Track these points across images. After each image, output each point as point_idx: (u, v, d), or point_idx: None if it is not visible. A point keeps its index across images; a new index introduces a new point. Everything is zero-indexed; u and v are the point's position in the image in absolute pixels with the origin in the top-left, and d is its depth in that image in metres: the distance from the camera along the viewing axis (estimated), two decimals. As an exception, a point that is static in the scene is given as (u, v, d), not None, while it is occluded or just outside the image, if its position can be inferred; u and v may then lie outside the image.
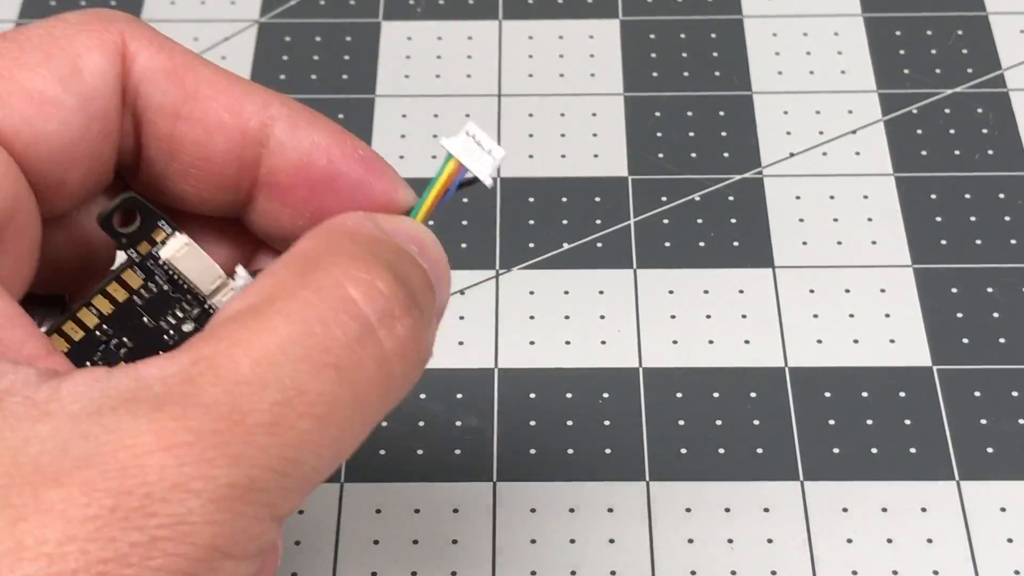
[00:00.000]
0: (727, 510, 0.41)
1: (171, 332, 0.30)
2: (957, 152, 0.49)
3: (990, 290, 0.45)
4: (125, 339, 0.30)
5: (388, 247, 0.28)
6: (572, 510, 0.41)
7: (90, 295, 0.30)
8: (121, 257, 0.31)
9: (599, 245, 0.47)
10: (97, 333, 0.30)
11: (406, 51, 0.52)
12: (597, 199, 0.48)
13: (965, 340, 0.44)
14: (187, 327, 0.30)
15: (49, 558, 0.23)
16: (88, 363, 0.30)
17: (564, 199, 0.48)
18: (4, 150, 0.27)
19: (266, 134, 0.30)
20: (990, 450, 0.42)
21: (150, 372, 0.25)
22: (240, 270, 0.30)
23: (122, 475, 0.24)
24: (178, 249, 0.30)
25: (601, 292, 0.46)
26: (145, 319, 0.30)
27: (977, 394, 0.43)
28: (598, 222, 0.47)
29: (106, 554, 0.23)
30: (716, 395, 0.43)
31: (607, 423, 0.43)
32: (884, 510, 0.41)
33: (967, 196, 0.48)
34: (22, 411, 0.24)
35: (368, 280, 0.27)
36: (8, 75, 0.28)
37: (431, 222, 0.31)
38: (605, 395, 0.43)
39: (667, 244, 0.47)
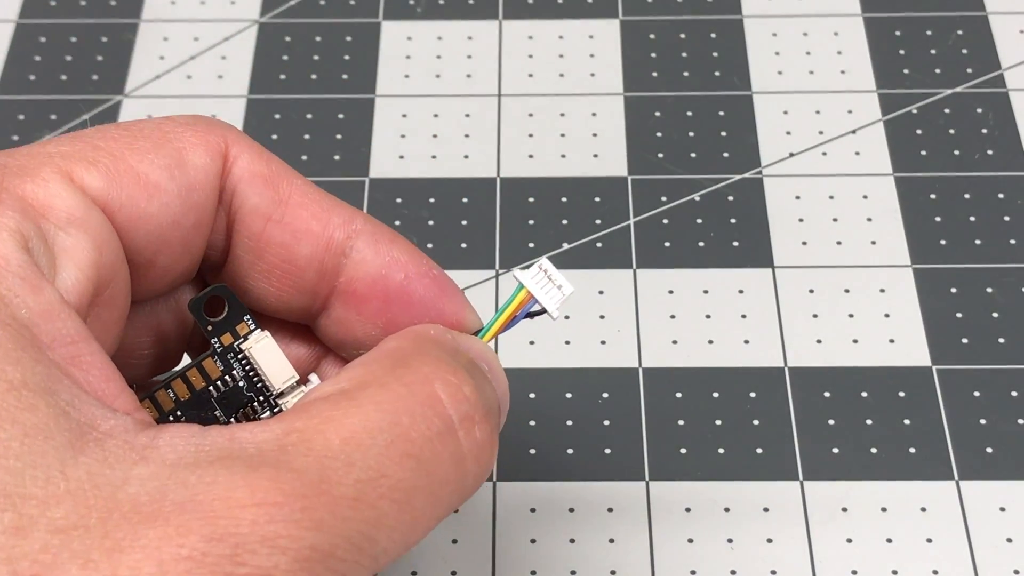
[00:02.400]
0: (727, 510, 0.41)
1: None
2: (957, 152, 0.49)
3: (989, 290, 0.46)
4: None
5: (466, 360, 0.31)
6: (572, 510, 0.41)
7: (170, 377, 0.31)
8: (186, 359, 0.33)
9: (599, 245, 0.47)
10: (171, 419, 0.31)
11: (406, 51, 0.52)
12: (597, 199, 0.48)
13: (964, 340, 0.44)
14: None
15: None
16: None
17: (564, 199, 0.48)
18: (109, 222, 0.29)
19: (349, 245, 0.32)
20: (989, 450, 0.42)
21: (244, 435, 0.27)
22: (313, 377, 0.32)
23: (215, 523, 0.25)
24: (259, 343, 0.32)
25: (601, 292, 0.46)
26: (217, 413, 0.31)
27: (976, 394, 0.43)
28: (598, 222, 0.47)
29: None
30: (716, 395, 0.43)
31: (607, 423, 0.43)
32: (884, 510, 0.41)
33: (967, 196, 0.48)
34: (122, 453, 0.26)
35: (455, 383, 0.29)
36: (120, 156, 0.30)
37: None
38: (605, 395, 0.43)
39: (667, 244, 0.47)
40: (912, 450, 0.42)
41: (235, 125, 0.50)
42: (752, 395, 0.43)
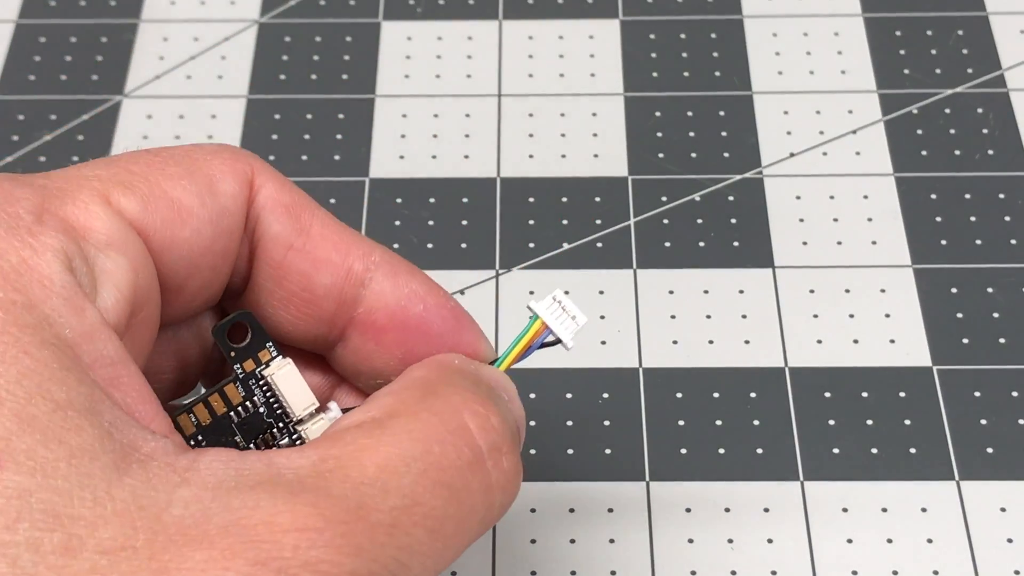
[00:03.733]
0: (727, 510, 0.41)
1: None
2: (957, 152, 0.49)
3: (990, 290, 0.45)
4: None
5: (488, 388, 0.31)
6: (572, 510, 0.41)
7: (192, 402, 0.31)
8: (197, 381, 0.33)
9: (599, 245, 0.47)
10: (192, 443, 0.31)
11: (406, 51, 0.52)
12: (597, 199, 0.48)
13: (965, 340, 0.44)
14: None
15: None
16: None
17: (564, 199, 0.48)
18: (145, 246, 0.30)
19: (368, 277, 0.32)
20: (990, 450, 0.42)
21: (281, 461, 0.27)
22: (333, 404, 0.32)
23: (260, 547, 0.25)
24: (281, 370, 0.32)
25: (601, 292, 0.46)
26: (237, 438, 0.32)
27: (977, 394, 0.43)
28: (598, 222, 0.47)
29: None
30: (716, 395, 0.43)
31: (607, 423, 0.43)
32: (884, 510, 0.41)
33: (967, 196, 0.48)
34: (164, 475, 0.26)
35: (484, 414, 0.30)
36: (154, 181, 0.30)
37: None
38: (605, 395, 0.43)
39: (667, 244, 0.47)
40: (913, 450, 0.42)
41: (236, 126, 0.50)
42: (752, 395, 0.43)
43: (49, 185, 0.29)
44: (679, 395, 0.43)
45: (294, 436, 0.32)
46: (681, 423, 0.43)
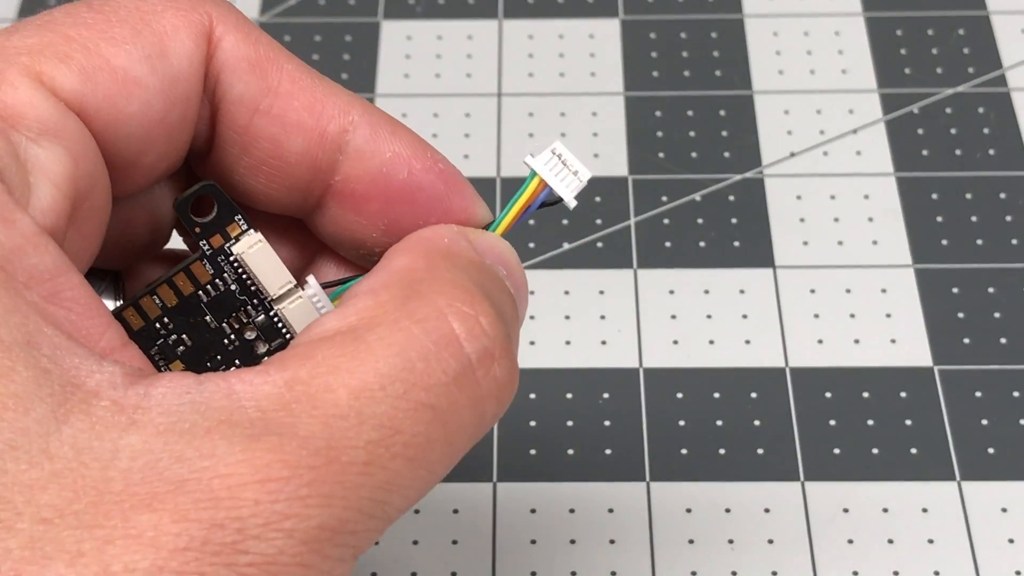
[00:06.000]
0: (727, 510, 0.41)
1: (232, 337, 0.29)
2: (958, 152, 0.49)
3: (991, 290, 0.45)
4: (184, 336, 0.29)
5: (485, 272, 0.28)
6: (572, 510, 0.41)
7: (155, 283, 0.29)
8: (175, 239, 0.30)
9: (599, 245, 0.47)
10: (157, 325, 0.29)
11: (406, 51, 0.52)
12: (597, 199, 0.48)
13: (966, 340, 0.44)
14: (249, 335, 0.29)
15: None
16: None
17: (564, 199, 0.48)
18: (86, 128, 0.26)
19: (345, 140, 0.29)
20: (991, 450, 0.42)
21: (242, 390, 0.24)
22: (311, 280, 0.29)
23: (215, 506, 0.23)
24: (251, 246, 0.29)
25: (601, 292, 0.46)
26: (208, 318, 0.29)
27: (978, 394, 0.43)
28: (598, 222, 0.47)
29: None
30: (716, 395, 0.43)
31: (607, 423, 0.43)
32: (885, 510, 0.41)
33: (968, 196, 0.48)
34: (110, 418, 0.24)
35: (472, 316, 0.26)
36: (95, 49, 0.27)
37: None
38: (605, 395, 0.43)
39: (667, 244, 0.47)
40: (914, 450, 0.42)
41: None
42: (753, 395, 0.43)
43: None
44: (679, 395, 0.43)
45: (271, 313, 0.29)
46: (681, 423, 0.43)
